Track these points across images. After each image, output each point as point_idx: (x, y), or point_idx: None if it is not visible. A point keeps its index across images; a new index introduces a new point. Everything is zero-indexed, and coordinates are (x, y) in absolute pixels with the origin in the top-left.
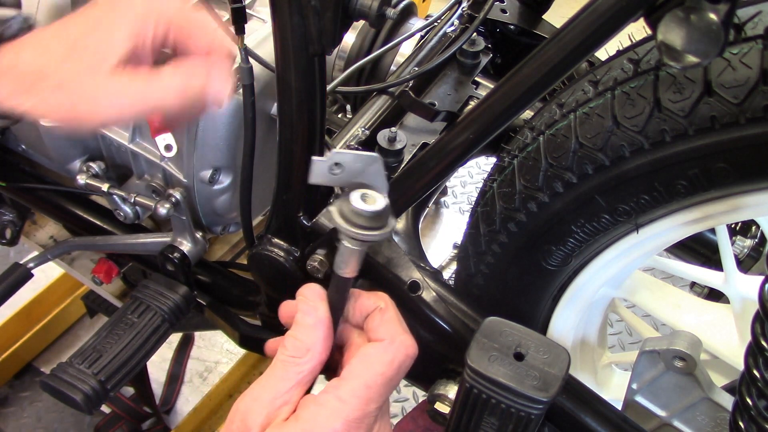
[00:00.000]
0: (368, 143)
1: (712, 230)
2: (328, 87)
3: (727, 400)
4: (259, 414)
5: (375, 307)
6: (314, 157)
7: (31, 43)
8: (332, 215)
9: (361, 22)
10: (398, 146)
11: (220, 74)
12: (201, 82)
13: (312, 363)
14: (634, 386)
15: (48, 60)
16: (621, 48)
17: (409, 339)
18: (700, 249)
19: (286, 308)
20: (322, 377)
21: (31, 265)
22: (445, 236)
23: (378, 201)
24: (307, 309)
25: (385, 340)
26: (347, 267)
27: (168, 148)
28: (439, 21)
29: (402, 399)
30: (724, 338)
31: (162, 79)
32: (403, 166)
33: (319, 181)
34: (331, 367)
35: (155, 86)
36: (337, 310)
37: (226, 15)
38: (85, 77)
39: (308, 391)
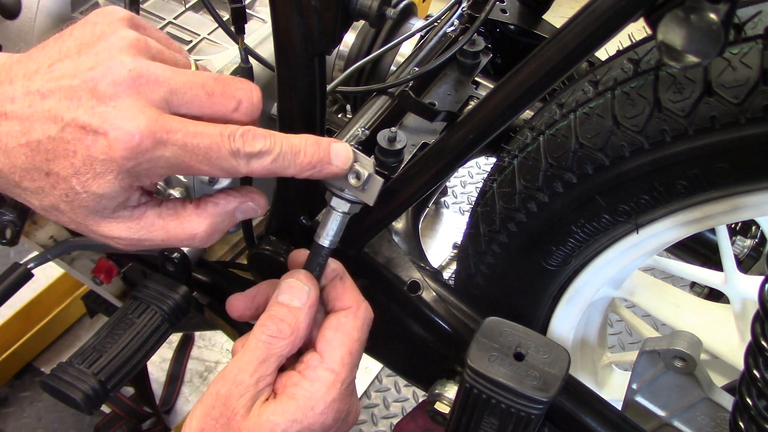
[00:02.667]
0: (368, 143)
1: (712, 230)
2: (328, 87)
3: (727, 400)
4: (243, 397)
5: (334, 276)
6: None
7: None
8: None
9: (361, 22)
10: (398, 146)
11: (250, 202)
12: (231, 219)
13: (292, 346)
14: (634, 386)
15: (19, 169)
16: (621, 48)
17: (367, 303)
18: (700, 249)
19: (238, 300)
20: None
21: (31, 265)
22: (445, 236)
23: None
24: (296, 292)
25: (353, 306)
26: (330, 235)
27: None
28: (439, 21)
29: (402, 399)
30: (724, 338)
31: (186, 224)
32: (403, 166)
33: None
34: None
35: (177, 228)
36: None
37: (226, 15)
38: (80, 215)
39: None
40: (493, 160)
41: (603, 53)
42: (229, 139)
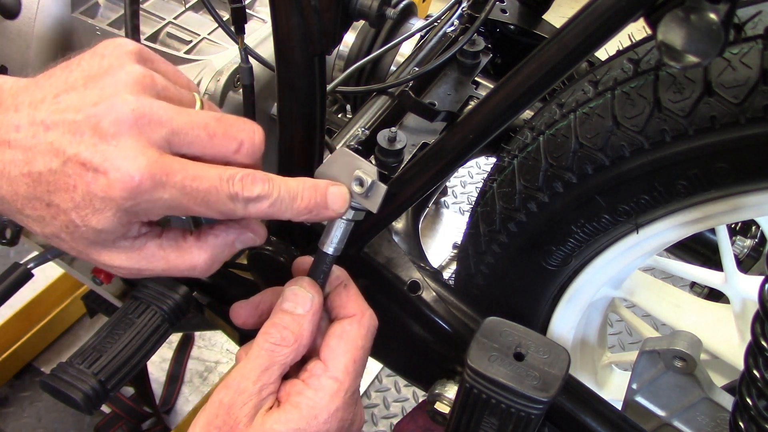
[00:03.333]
0: (368, 143)
1: (712, 230)
2: (328, 87)
3: (727, 400)
4: (246, 405)
5: (338, 283)
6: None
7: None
8: None
9: (361, 22)
10: (398, 146)
11: (250, 233)
12: (230, 249)
13: (296, 353)
14: (634, 386)
15: (21, 198)
16: (621, 48)
17: (371, 310)
18: (700, 249)
19: (242, 308)
20: None
21: (31, 265)
22: (445, 236)
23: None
24: (299, 299)
25: (357, 314)
26: (334, 242)
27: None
28: (439, 21)
29: (402, 399)
30: (724, 338)
31: (186, 255)
32: (403, 166)
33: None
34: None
35: (178, 259)
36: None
37: (226, 15)
38: (80, 245)
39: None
40: (493, 160)
41: (603, 53)
42: (228, 183)
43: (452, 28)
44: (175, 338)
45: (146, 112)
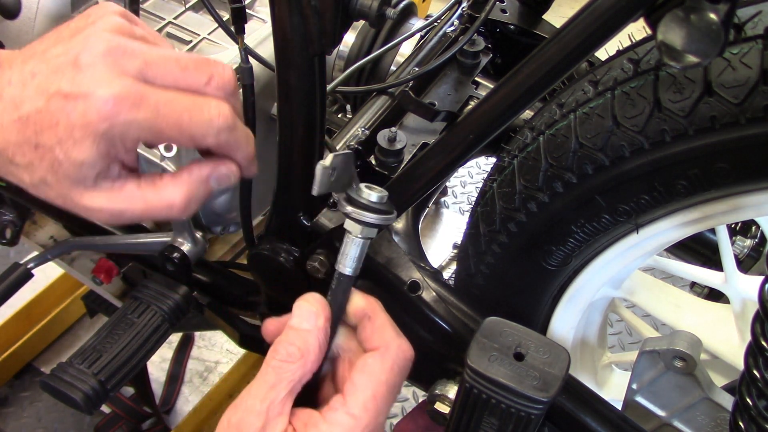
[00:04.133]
0: (368, 143)
1: (712, 230)
2: (328, 87)
3: (727, 400)
4: (254, 425)
5: (363, 315)
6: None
7: None
8: (341, 204)
9: (361, 22)
10: (398, 146)
11: (222, 167)
12: (206, 187)
13: (303, 370)
14: (634, 386)
15: (12, 144)
16: (621, 48)
17: (403, 342)
18: (700, 249)
19: (271, 324)
20: None
21: (31, 265)
22: (445, 236)
23: (378, 189)
24: (304, 314)
25: (381, 347)
26: (350, 263)
27: (168, 147)
28: (439, 21)
29: (402, 399)
30: (724, 338)
31: (163, 192)
32: (403, 166)
33: (323, 191)
34: (325, 379)
35: (155, 198)
36: (337, 313)
37: (226, 15)
38: (65, 186)
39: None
40: (493, 160)
41: (603, 53)
42: (201, 109)
43: (452, 28)
44: (175, 338)
45: (120, 45)
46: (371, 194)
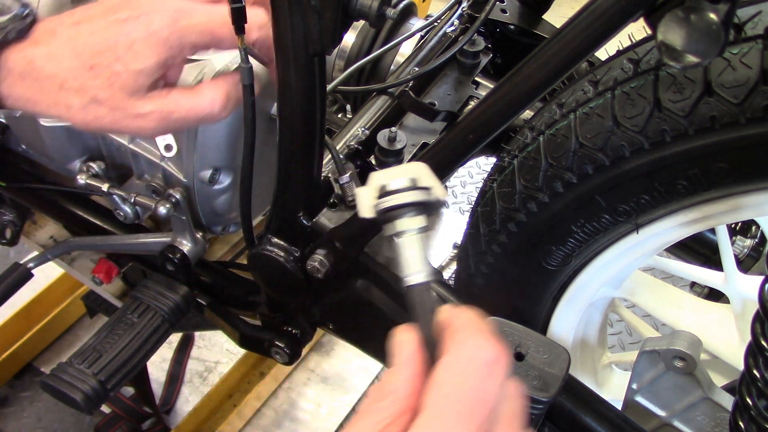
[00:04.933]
0: (368, 143)
1: (712, 230)
2: (328, 87)
3: (727, 400)
4: None
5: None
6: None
7: (43, 49)
8: (382, 201)
9: (361, 22)
10: (398, 146)
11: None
12: (238, 88)
13: (392, 410)
14: (634, 386)
15: (65, 70)
16: (621, 48)
17: (476, 340)
18: (700, 249)
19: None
20: None
21: (31, 265)
22: (445, 236)
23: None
24: (394, 349)
25: (445, 353)
26: (416, 264)
27: (168, 148)
28: (439, 21)
29: None
30: (724, 338)
31: (204, 94)
32: None
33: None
34: None
35: (198, 99)
36: (425, 334)
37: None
38: (118, 98)
39: None
40: (493, 160)
41: (603, 53)
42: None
43: (452, 28)
44: (175, 338)
45: None
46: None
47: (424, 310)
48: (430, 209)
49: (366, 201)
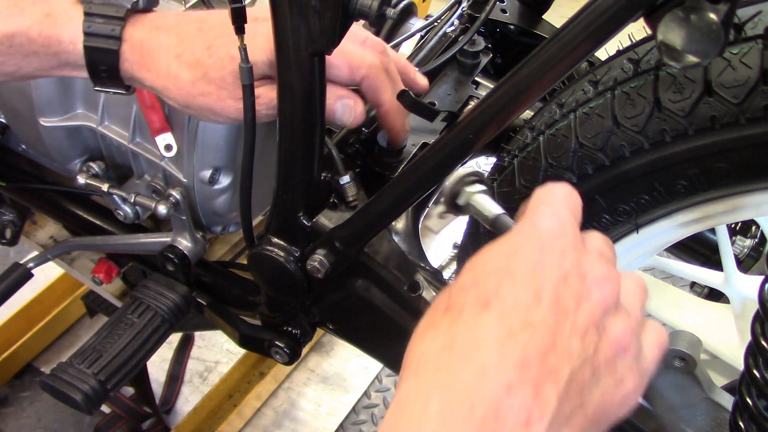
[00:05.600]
0: (368, 143)
1: (712, 230)
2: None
3: (727, 400)
4: None
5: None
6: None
7: (168, 27)
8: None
9: (361, 22)
10: (398, 146)
11: (352, 101)
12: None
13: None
14: None
15: (185, 43)
16: (621, 48)
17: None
18: (700, 249)
19: None
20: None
21: (31, 265)
22: (445, 236)
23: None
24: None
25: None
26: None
27: (168, 148)
28: (439, 21)
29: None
30: (724, 338)
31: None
32: (403, 166)
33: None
34: None
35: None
36: None
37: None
38: (228, 80)
39: None
40: (493, 160)
41: (603, 53)
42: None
43: (452, 28)
44: (175, 338)
45: None
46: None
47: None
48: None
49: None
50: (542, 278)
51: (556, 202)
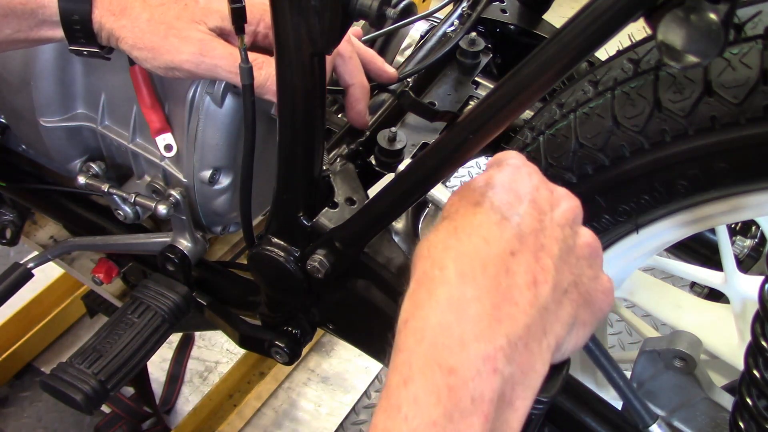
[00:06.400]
0: (368, 143)
1: (712, 230)
2: (329, 87)
3: (727, 400)
4: None
5: None
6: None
7: None
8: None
9: (361, 22)
10: (398, 146)
11: None
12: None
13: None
14: (634, 386)
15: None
16: (621, 48)
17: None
18: (700, 249)
19: None
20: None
21: (31, 265)
22: None
23: None
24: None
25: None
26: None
27: (168, 148)
28: (438, 21)
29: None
30: (724, 338)
31: (234, 58)
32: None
33: None
34: None
35: (235, 63)
36: None
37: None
38: (184, 22)
39: None
40: None
41: (603, 53)
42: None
43: (452, 28)
44: (175, 338)
45: None
46: None
47: None
48: None
49: None
50: (518, 187)
51: (514, 153)
